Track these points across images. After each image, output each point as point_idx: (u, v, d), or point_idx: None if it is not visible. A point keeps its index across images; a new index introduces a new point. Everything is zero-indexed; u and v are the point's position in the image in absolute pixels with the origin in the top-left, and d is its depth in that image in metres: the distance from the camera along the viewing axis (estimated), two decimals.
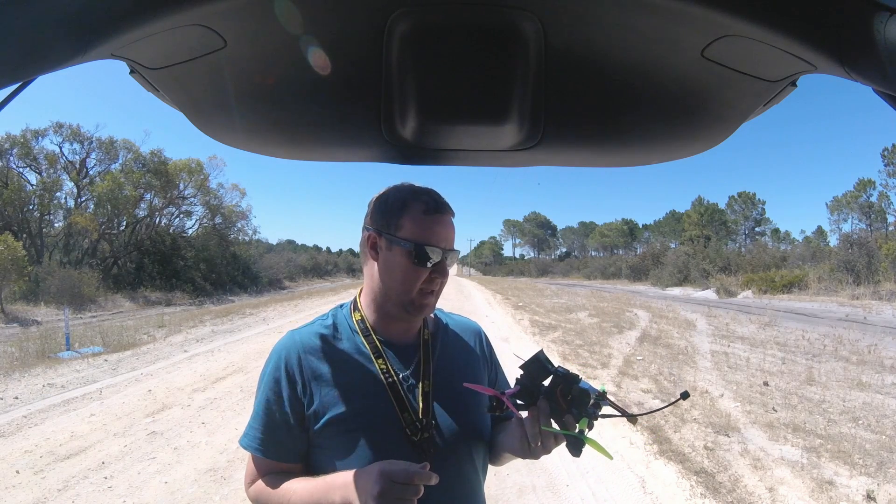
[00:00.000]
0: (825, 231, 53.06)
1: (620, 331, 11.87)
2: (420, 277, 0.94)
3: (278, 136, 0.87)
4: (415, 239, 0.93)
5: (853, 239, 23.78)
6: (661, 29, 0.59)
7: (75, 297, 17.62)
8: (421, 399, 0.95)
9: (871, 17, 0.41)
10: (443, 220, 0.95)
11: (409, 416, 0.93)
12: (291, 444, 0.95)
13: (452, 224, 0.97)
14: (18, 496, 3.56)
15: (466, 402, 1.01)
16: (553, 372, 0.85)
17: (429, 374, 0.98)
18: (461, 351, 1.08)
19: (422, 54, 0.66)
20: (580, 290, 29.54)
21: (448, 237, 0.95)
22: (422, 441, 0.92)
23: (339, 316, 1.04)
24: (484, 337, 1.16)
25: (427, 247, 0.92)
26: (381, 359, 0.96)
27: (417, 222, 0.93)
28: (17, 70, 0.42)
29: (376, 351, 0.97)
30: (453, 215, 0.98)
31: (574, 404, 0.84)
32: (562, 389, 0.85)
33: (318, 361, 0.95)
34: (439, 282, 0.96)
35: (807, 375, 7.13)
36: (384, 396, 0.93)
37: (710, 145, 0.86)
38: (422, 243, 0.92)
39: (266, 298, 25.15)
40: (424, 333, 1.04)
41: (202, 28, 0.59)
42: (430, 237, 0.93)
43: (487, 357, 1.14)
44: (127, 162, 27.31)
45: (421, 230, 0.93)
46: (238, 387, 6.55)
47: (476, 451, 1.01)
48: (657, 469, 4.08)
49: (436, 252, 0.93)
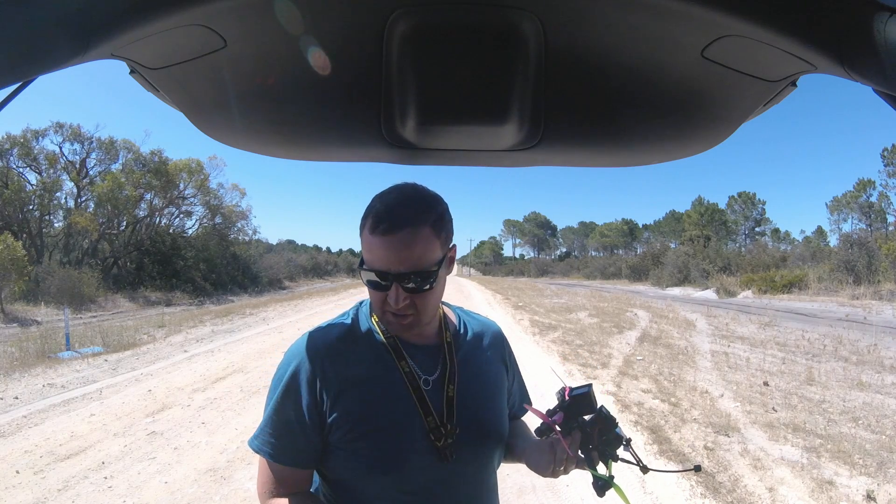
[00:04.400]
0: (825, 231, 53.20)
1: (620, 331, 11.87)
2: (379, 299, 0.87)
3: (278, 136, 0.87)
4: (365, 260, 0.87)
5: (853, 239, 23.76)
6: (661, 29, 0.59)
7: (75, 297, 17.61)
8: (445, 403, 0.92)
9: (871, 17, 0.41)
10: (386, 241, 0.83)
11: (433, 421, 0.90)
12: (307, 448, 0.91)
13: (415, 240, 0.83)
14: (18, 496, 3.56)
15: (488, 405, 0.99)
16: (598, 411, 0.92)
17: (453, 378, 0.95)
18: (483, 353, 1.05)
19: (422, 54, 0.66)
20: (580, 290, 29.53)
21: (398, 258, 0.83)
22: (444, 446, 0.90)
23: (360, 315, 0.99)
24: (504, 339, 1.13)
25: (370, 270, 0.85)
26: (403, 361, 0.93)
27: (366, 241, 0.86)
28: (17, 70, 0.42)
29: (399, 353, 0.93)
30: (421, 226, 0.84)
31: (605, 443, 0.92)
32: (600, 429, 0.91)
33: (339, 364, 0.91)
34: (399, 308, 0.86)
35: (807, 375, 7.13)
36: (408, 400, 0.90)
37: (710, 145, 0.86)
38: (367, 267, 0.86)
39: (266, 298, 25.13)
40: (446, 336, 0.99)
41: (202, 28, 0.59)
42: (374, 259, 0.85)
43: (507, 360, 1.11)
44: (127, 162, 27.32)
45: (367, 251, 0.86)
46: (238, 387, 6.55)
47: (495, 454, 1.00)
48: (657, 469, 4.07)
49: (383, 276, 0.85)
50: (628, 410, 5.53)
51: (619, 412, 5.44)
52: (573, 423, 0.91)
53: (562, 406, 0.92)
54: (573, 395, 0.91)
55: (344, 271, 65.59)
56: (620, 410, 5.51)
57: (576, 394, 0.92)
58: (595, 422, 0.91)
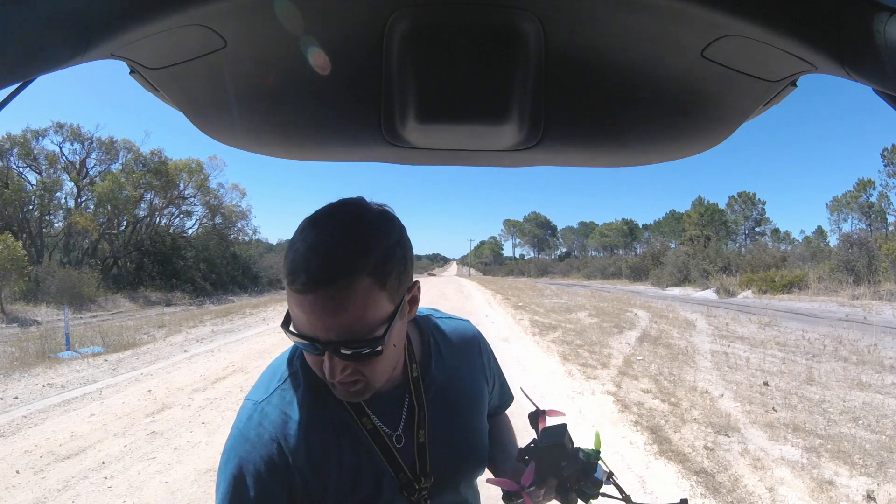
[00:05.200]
0: (825, 231, 53.13)
1: (620, 331, 11.87)
2: (317, 364, 0.71)
3: (278, 136, 0.87)
4: (289, 314, 0.71)
5: (853, 239, 23.75)
6: (661, 29, 0.59)
7: (75, 297, 17.62)
8: (416, 452, 0.83)
9: (871, 18, 0.41)
10: (307, 301, 0.64)
11: (405, 476, 0.81)
12: None
13: (347, 300, 0.64)
14: (18, 496, 3.57)
15: (465, 440, 0.91)
16: (574, 459, 0.84)
17: (423, 421, 0.84)
18: (457, 373, 0.93)
19: (422, 54, 0.66)
20: (580, 290, 29.54)
21: (318, 325, 0.65)
22: (419, 499, 0.82)
23: (303, 371, 0.80)
24: (482, 342, 1.02)
25: (292, 333, 0.69)
26: (365, 418, 0.79)
27: (289, 298, 0.68)
28: (17, 70, 0.42)
29: (359, 410, 0.79)
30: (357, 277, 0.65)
31: (584, 487, 0.85)
32: (577, 475, 0.84)
33: (295, 441, 0.75)
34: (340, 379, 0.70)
35: (807, 375, 7.13)
36: (376, 460, 0.80)
37: (710, 145, 0.86)
38: (292, 330, 0.70)
39: (266, 298, 25.13)
40: (412, 370, 0.85)
41: (202, 28, 0.59)
42: (299, 323, 0.68)
43: (487, 365, 1.01)
44: (127, 162, 27.36)
45: (291, 310, 0.68)
46: (238, 387, 6.55)
47: (474, 477, 0.95)
48: (657, 469, 4.08)
49: (312, 343, 0.67)
50: (628, 410, 5.53)
51: (619, 412, 5.44)
52: (547, 473, 0.83)
53: (533, 452, 0.85)
54: (546, 446, 0.83)
55: None
56: (620, 410, 5.51)
57: (548, 444, 0.83)
58: (573, 468, 0.83)
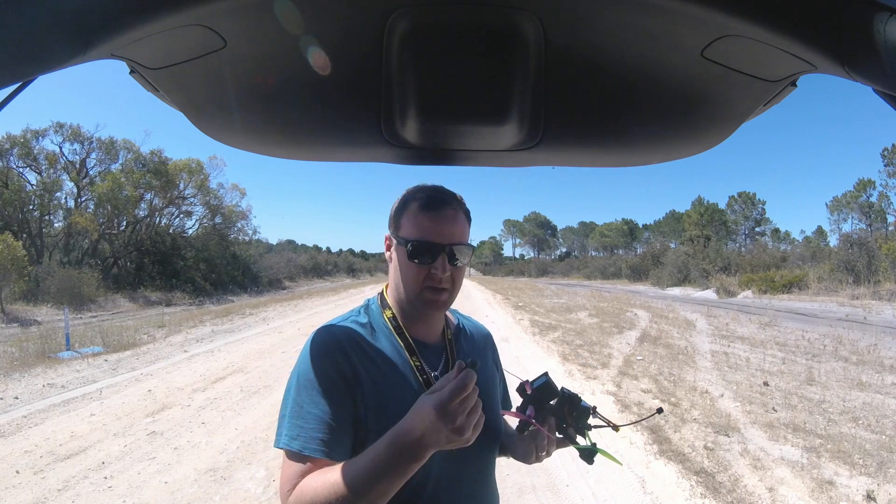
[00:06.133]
0: (825, 231, 53.18)
1: (620, 331, 11.87)
2: (421, 274, 0.94)
3: (278, 136, 0.87)
4: (411, 237, 0.94)
5: (853, 239, 23.75)
6: (661, 29, 0.59)
7: (75, 297, 17.60)
8: None
9: (871, 17, 0.41)
10: (439, 215, 0.94)
11: None
12: (342, 439, 0.89)
13: (457, 218, 0.96)
14: (18, 496, 3.56)
15: (486, 401, 1.00)
16: (560, 394, 1.00)
17: None
18: (478, 353, 1.11)
19: (422, 54, 0.66)
20: (580, 290, 29.53)
21: (445, 232, 0.94)
22: None
23: (371, 312, 1.04)
24: (493, 341, 1.21)
25: (420, 243, 0.93)
26: (414, 356, 0.97)
27: (413, 219, 0.95)
28: (17, 70, 0.42)
29: (410, 349, 0.98)
30: (459, 209, 0.98)
31: (576, 418, 0.99)
32: (568, 408, 0.99)
33: (362, 357, 0.94)
34: (442, 278, 0.94)
35: (807, 375, 7.13)
36: (419, 393, 0.88)
37: (710, 145, 0.86)
38: (416, 240, 0.93)
39: (266, 298, 25.12)
40: (448, 334, 1.06)
41: (202, 28, 0.59)
42: (424, 233, 0.93)
43: (495, 361, 1.19)
44: (127, 162, 27.29)
45: (416, 227, 0.94)
46: (238, 387, 6.55)
47: (495, 448, 1.07)
48: (657, 469, 4.08)
49: (432, 248, 0.93)
50: (628, 410, 5.53)
51: (619, 412, 5.44)
52: (544, 411, 0.99)
53: (529, 400, 1.00)
54: (536, 388, 0.99)
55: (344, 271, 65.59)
56: (620, 410, 5.51)
57: (537, 385, 1.00)
58: (562, 403, 0.99)
